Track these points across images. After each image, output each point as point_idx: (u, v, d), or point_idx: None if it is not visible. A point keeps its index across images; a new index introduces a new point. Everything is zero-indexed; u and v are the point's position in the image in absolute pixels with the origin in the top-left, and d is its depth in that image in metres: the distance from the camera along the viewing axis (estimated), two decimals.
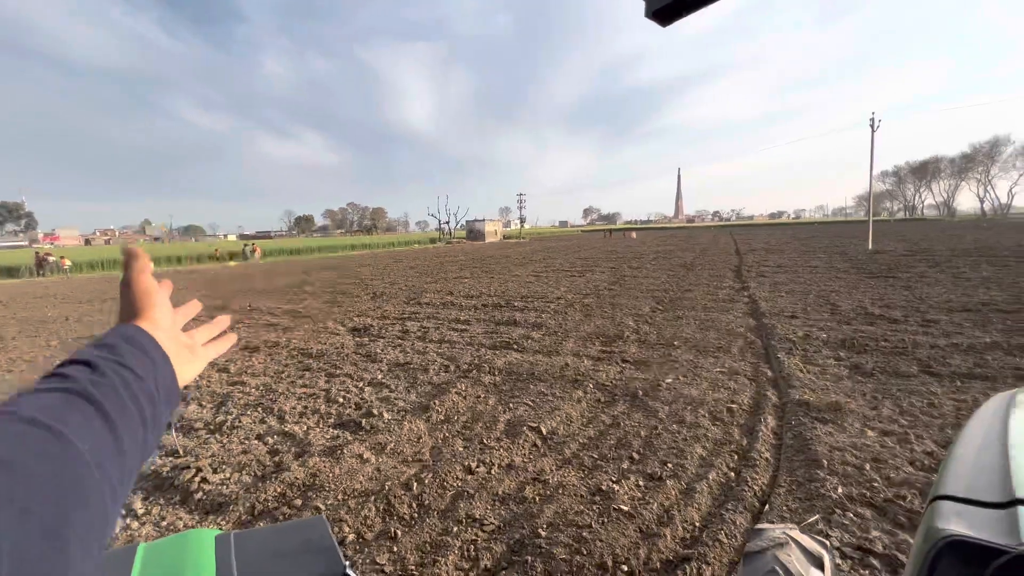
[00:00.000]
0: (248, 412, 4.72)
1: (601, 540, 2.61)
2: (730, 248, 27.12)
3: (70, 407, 0.37)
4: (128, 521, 3.08)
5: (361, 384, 5.43)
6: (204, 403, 5.06)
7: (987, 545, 0.65)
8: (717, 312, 8.56)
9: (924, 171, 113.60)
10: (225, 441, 4.11)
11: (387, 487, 3.23)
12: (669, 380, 5.09)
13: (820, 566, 1.51)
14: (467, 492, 3.15)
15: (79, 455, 0.34)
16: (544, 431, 3.99)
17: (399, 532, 2.78)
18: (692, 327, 7.48)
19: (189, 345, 0.58)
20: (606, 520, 2.79)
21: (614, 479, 3.23)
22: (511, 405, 4.60)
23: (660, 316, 8.46)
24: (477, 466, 3.47)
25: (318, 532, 0.86)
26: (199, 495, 3.28)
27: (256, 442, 4.05)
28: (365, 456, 3.69)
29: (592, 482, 3.21)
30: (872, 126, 24.90)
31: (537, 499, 3.06)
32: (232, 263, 35.01)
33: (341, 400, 4.94)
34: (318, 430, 4.24)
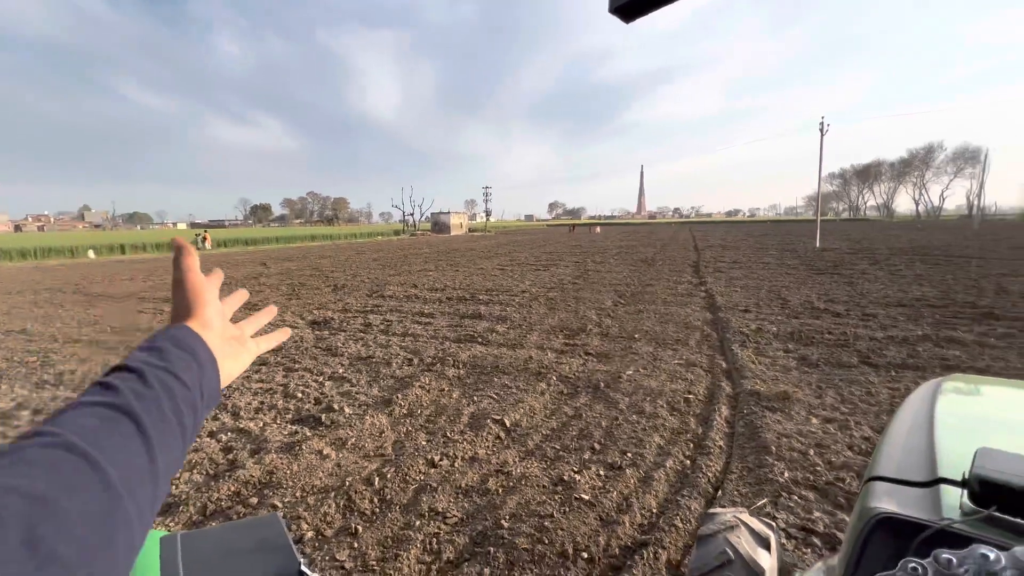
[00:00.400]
0: None
1: (562, 529, 2.66)
2: (689, 244, 28.00)
3: (110, 428, 0.37)
4: None
5: (321, 378, 5.29)
6: None
7: (912, 521, 0.71)
8: (676, 306, 8.83)
9: (867, 174, 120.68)
10: None
11: (348, 483, 3.17)
12: (630, 372, 5.22)
13: (767, 546, 1.60)
14: (430, 485, 3.13)
15: (112, 486, 0.33)
16: (508, 423, 4.01)
17: (360, 528, 2.74)
18: (652, 320, 7.69)
19: (238, 337, 0.57)
20: (567, 509, 2.85)
21: (576, 469, 3.29)
22: (475, 398, 4.60)
23: (622, 309, 8.65)
24: (440, 459, 3.46)
25: (272, 530, 0.84)
26: None
27: (208, 439, 3.89)
28: (325, 452, 3.61)
29: (554, 473, 3.26)
30: (822, 130, 26.20)
31: (500, 491, 3.08)
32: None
33: (300, 395, 4.80)
34: (275, 426, 4.11)
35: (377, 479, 3.21)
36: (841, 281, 11.46)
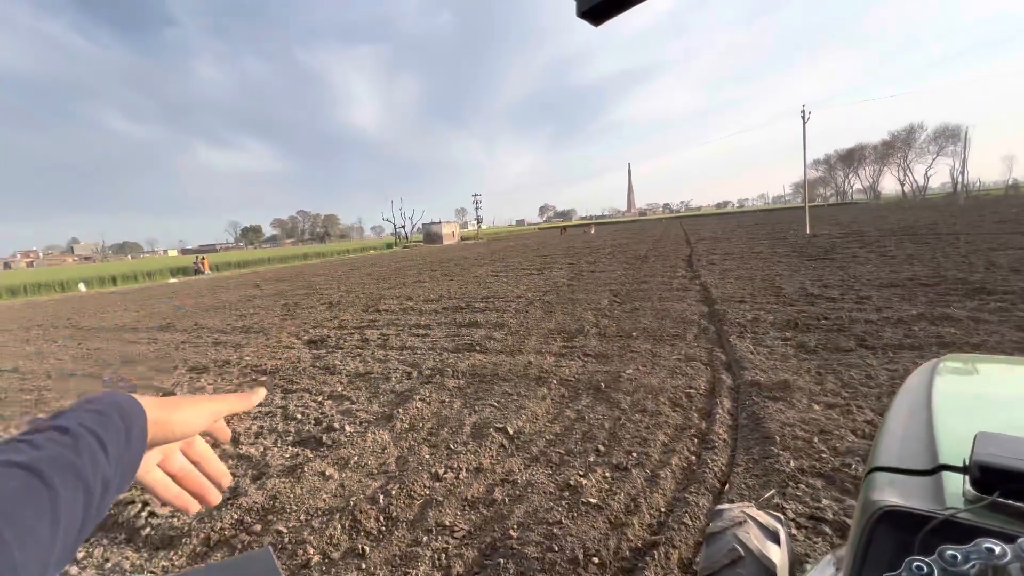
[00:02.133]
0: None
1: (572, 535, 2.64)
2: (681, 238, 28.11)
3: (20, 496, 0.34)
4: (66, 568, 2.84)
5: (320, 398, 5.25)
6: None
7: (917, 513, 0.70)
8: (672, 301, 8.84)
9: (851, 158, 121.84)
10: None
11: (352, 502, 3.14)
12: (630, 371, 5.21)
13: (776, 540, 1.59)
14: (435, 500, 3.10)
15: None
16: (511, 431, 3.99)
17: (367, 548, 2.71)
18: (649, 317, 7.69)
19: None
20: (576, 515, 2.82)
21: (581, 473, 3.27)
22: (476, 407, 4.57)
23: (618, 309, 8.65)
24: (445, 472, 3.43)
25: (264, 565, 0.81)
26: (147, 531, 3.07)
27: None
28: (328, 472, 3.57)
29: (560, 478, 3.24)
30: (803, 117, 26.44)
31: (507, 500, 3.05)
32: (172, 280, 33.04)
33: (300, 416, 4.75)
34: (276, 450, 4.06)
35: (382, 497, 3.18)
36: (833, 266, 11.53)
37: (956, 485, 0.74)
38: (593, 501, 2.93)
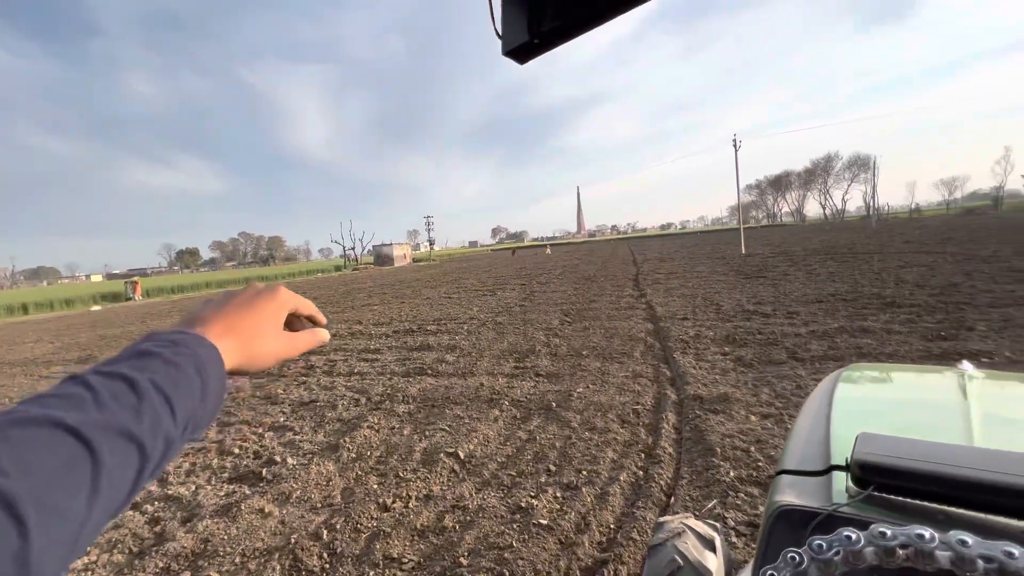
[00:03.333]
0: None
1: (522, 558, 2.62)
2: (628, 259, 29.16)
3: (59, 474, 0.28)
4: None
5: (260, 430, 4.97)
6: None
7: (807, 510, 0.77)
8: (620, 320, 9.12)
9: (779, 184, 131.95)
10: None
11: (293, 540, 2.97)
12: (580, 389, 5.30)
13: (712, 548, 1.65)
14: (383, 531, 2.99)
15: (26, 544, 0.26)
16: (462, 455, 3.94)
17: None
18: (598, 336, 7.88)
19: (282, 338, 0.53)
20: (527, 537, 2.81)
21: (533, 494, 3.27)
22: (427, 433, 4.48)
23: (569, 328, 8.81)
24: (393, 502, 3.32)
25: None
26: None
27: (130, 513, 3.52)
28: (267, 509, 3.36)
29: (511, 501, 3.22)
30: (735, 146, 28.46)
31: (457, 527, 2.99)
32: (96, 307, 30.44)
33: (237, 451, 4.47)
34: (210, 488, 3.79)
35: (326, 532, 3.03)
36: (766, 283, 12.32)
37: (842, 483, 0.82)
38: (544, 522, 2.93)
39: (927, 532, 0.49)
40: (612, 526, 2.89)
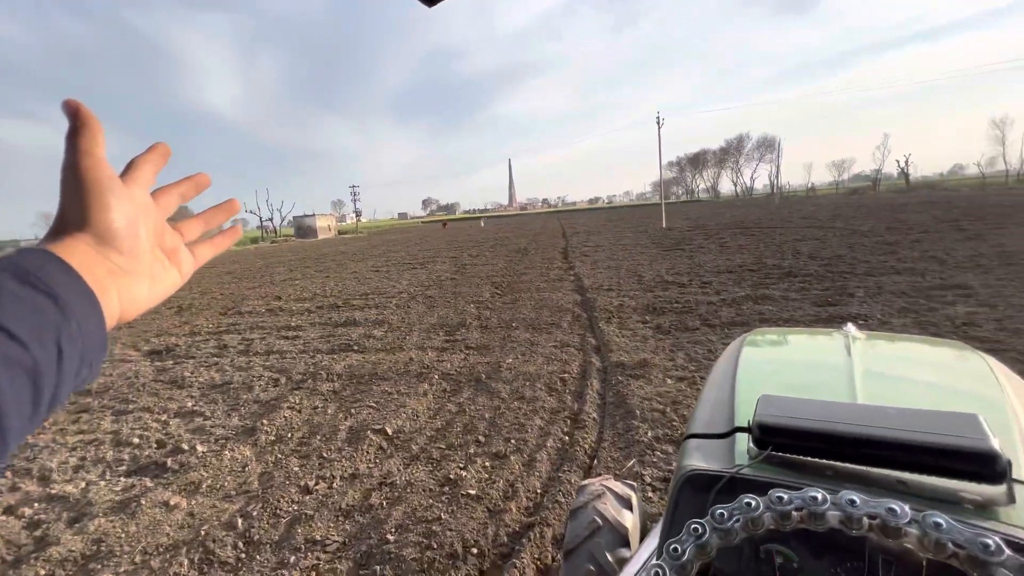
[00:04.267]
0: None
1: (451, 530, 2.63)
2: (558, 232, 29.72)
3: None
4: None
5: (165, 417, 4.55)
6: None
7: (712, 473, 0.81)
8: (549, 292, 9.30)
9: (697, 161, 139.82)
10: None
11: (204, 532, 2.77)
12: (510, 360, 5.36)
13: (629, 506, 1.74)
14: (305, 515, 2.87)
15: None
16: (390, 431, 3.86)
17: None
18: (528, 308, 8.00)
19: (170, 250, 0.44)
20: (455, 508, 2.83)
21: (462, 466, 3.28)
22: (353, 410, 4.34)
23: (499, 300, 8.85)
24: (316, 484, 3.20)
25: None
26: None
27: (3, 518, 3.10)
28: (173, 502, 3.10)
29: (440, 473, 3.22)
30: (659, 123, 29.55)
31: (385, 504, 2.94)
32: None
33: (136, 440, 4.07)
34: (103, 484, 3.42)
35: (241, 520, 2.86)
36: (683, 256, 13.11)
37: (744, 444, 0.87)
38: (473, 492, 2.96)
39: (820, 494, 0.52)
40: (539, 491, 2.98)
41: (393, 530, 2.67)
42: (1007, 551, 0.44)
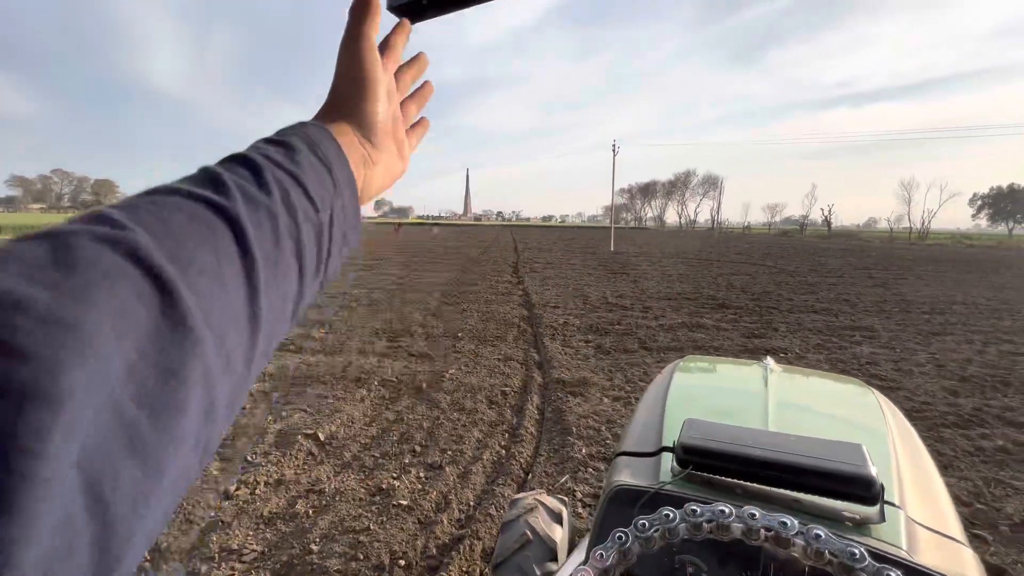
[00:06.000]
0: None
1: (379, 541, 2.57)
2: (510, 246, 30.01)
3: (202, 235, 0.24)
4: None
5: None
6: None
7: (638, 488, 0.87)
8: (497, 304, 9.36)
9: (647, 191, 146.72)
10: None
11: None
12: (452, 371, 5.34)
13: (560, 521, 1.80)
14: (222, 522, 2.71)
15: (189, 325, 0.21)
16: (322, 437, 3.72)
17: None
18: (475, 319, 8.01)
19: (401, 143, 0.45)
20: (385, 519, 2.77)
21: (395, 475, 3.22)
22: (283, 413, 4.14)
23: (447, 309, 8.80)
24: (237, 489, 3.02)
25: None
26: None
27: None
28: None
29: (372, 483, 3.14)
30: (614, 150, 30.79)
31: (311, 512, 2.83)
32: None
33: None
34: None
35: None
36: (628, 280, 13.65)
37: (669, 463, 0.95)
38: (404, 503, 2.92)
39: (727, 508, 0.59)
40: (472, 503, 2.98)
41: (318, 539, 2.57)
42: (868, 559, 0.53)
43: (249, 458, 3.40)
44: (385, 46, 0.44)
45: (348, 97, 0.40)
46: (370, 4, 0.40)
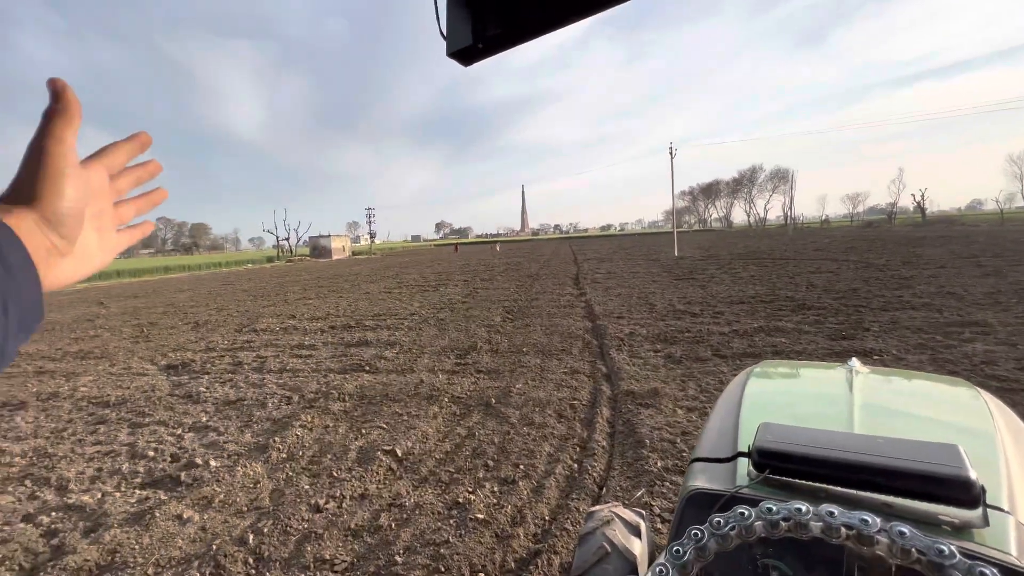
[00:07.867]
0: (7, 489, 3.67)
1: (459, 553, 2.64)
2: (569, 258, 29.86)
3: None
4: None
5: (179, 431, 4.63)
6: None
7: (713, 492, 0.86)
8: (560, 317, 9.34)
9: (709, 191, 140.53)
10: None
11: (216, 546, 2.81)
12: (519, 385, 5.39)
13: (638, 533, 1.76)
14: (315, 533, 2.90)
15: None
16: (399, 453, 3.89)
17: None
18: (539, 333, 8.04)
19: (104, 236, 0.46)
20: (463, 532, 2.84)
21: (470, 490, 3.30)
22: (363, 431, 4.38)
23: (510, 325, 8.91)
24: (326, 502, 3.23)
25: None
26: None
27: (22, 526, 3.17)
28: (186, 515, 3.15)
29: (449, 497, 3.23)
30: (671, 153, 29.92)
31: (393, 525, 2.96)
32: None
33: (152, 453, 4.14)
34: (119, 495, 3.49)
35: (252, 536, 2.89)
36: (695, 285, 13.10)
37: (745, 467, 0.92)
38: (481, 517, 2.97)
39: (804, 506, 0.58)
40: (547, 517, 2.98)
41: (401, 551, 2.69)
42: (958, 556, 0.50)
43: (335, 473, 3.62)
44: (104, 148, 0.47)
45: (33, 189, 0.39)
46: (69, 110, 0.40)
